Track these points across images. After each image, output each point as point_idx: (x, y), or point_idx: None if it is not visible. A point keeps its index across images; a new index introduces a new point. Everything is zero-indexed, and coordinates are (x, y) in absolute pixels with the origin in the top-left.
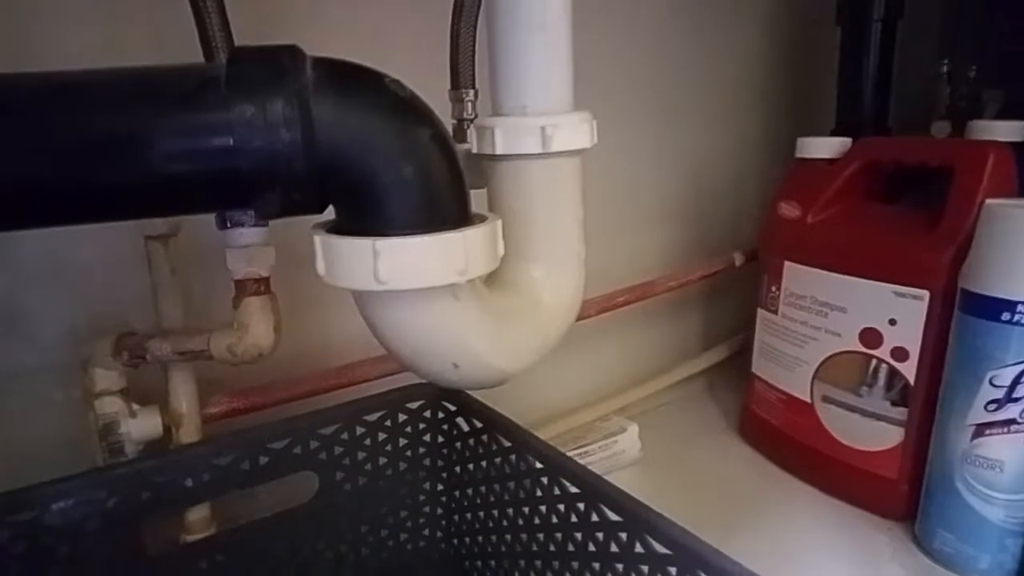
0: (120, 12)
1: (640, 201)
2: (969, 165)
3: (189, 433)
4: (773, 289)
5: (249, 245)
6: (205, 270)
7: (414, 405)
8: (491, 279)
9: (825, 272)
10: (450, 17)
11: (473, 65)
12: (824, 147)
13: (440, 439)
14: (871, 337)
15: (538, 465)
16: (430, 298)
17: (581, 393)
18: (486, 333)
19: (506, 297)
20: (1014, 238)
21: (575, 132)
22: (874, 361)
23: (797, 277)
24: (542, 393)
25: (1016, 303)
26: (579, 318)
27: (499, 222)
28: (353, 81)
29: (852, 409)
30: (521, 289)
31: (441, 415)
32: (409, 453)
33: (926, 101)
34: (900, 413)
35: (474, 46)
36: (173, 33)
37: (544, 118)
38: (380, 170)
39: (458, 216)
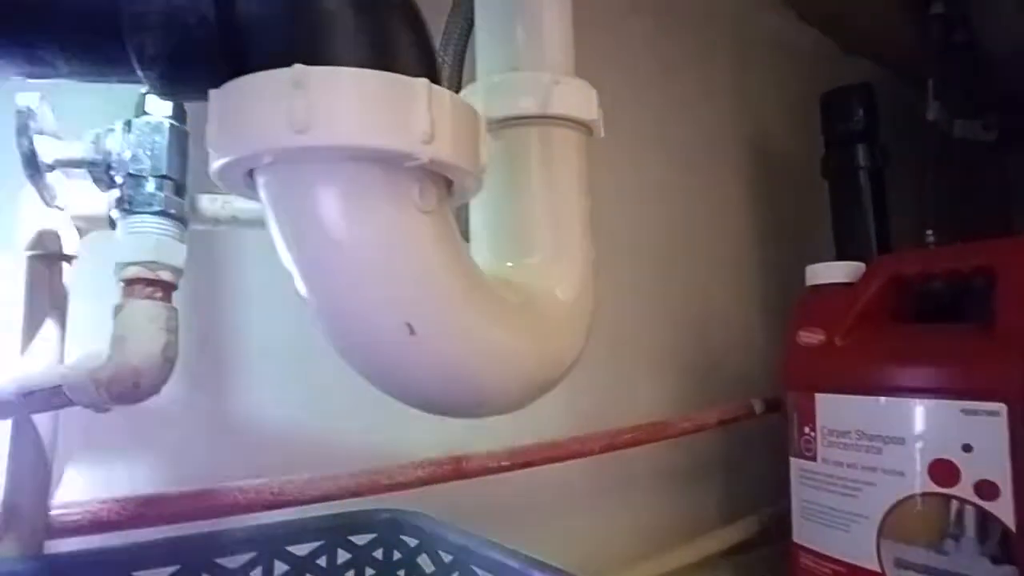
0: None
1: (647, 344)
2: (1018, 260)
3: (14, 544)
4: (806, 430)
5: (148, 232)
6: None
7: (362, 539)
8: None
9: (869, 398)
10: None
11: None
12: (838, 272)
13: None
14: (944, 471)
15: None
16: (378, 189)
17: (581, 560)
18: (462, 288)
19: (499, 286)
20: None
21: (578, 95)
22: (955, 503)
23: (834, 410)
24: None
25: None
26: (581, 454)
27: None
28: None
29: (938, 574)
30: (518, 281)
31: (399, 555)
32: None
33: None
34: (1006, 574)
35: (465, 49)
36: None
37: (542, 75)
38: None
39: (420, 70)
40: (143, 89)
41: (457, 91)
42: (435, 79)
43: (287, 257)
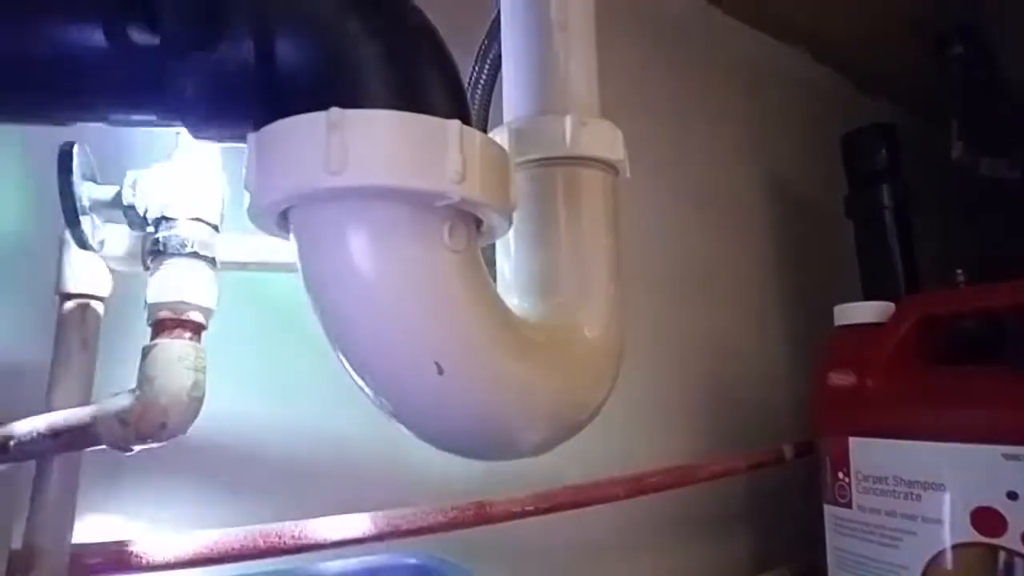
0: None
1: (671, 386)
2: None
3: None
4: (840, 476)
5: (179, 273)
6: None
7: None
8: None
9: (906, 442)
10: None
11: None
12: (867, 312)
13: None
14: (988, 520)
15: None
16: (408, 228)
17: None
18: (491, 328)
19: (527, 325)
20: None
21: (604, 136)
22: (1002, 555)
23: (869, 455)
24: None
25: None
26: (605, 499)
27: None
28: None
29: None
30: (545, 321)
31: None
32: None
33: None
34: None
35: (491, 94)
36: None
37: (569, 117)
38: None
39: (451, 111)
40: (179, 131)
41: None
42: (466, 120)
43: (316, 297)
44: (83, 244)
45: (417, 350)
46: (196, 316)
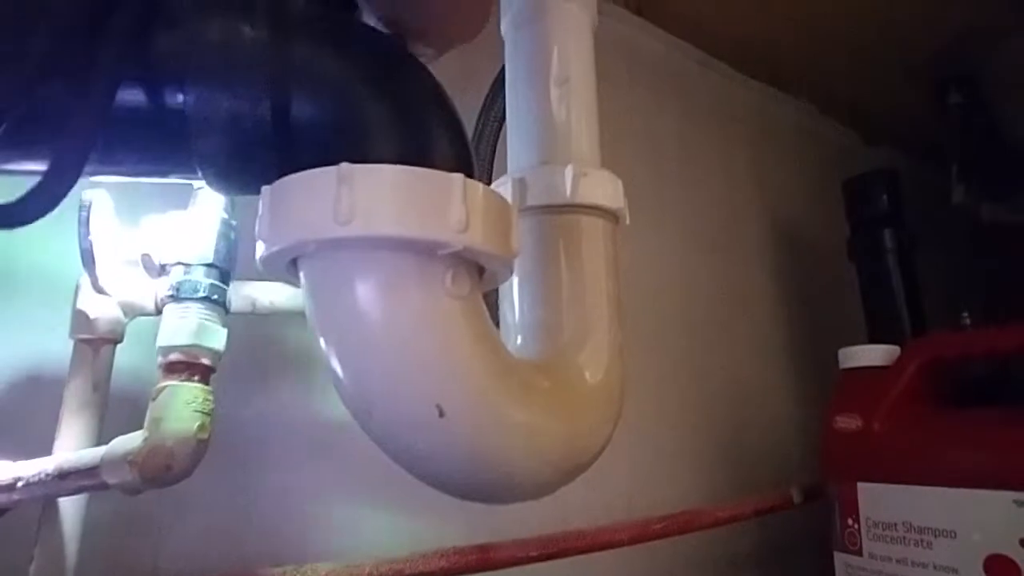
0: None
1: (677, 430)
2: None
3: None
4: (850, 522)
5: (191, 318)
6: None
7: None
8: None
9: (915, 488)
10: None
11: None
12: (872, 355)
13: None
14: (1002, 568)
15: None
16: (412, 276)
17: None
18: (492, 372)
19: (528, 370)
20: None
21: (604, 185)
22: None
23: (878, 500)
24: None
25: None
26: (610, 545)
27: (514, 209)
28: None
29: None
30: (546, 365)
31: None
32: None
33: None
34: None
35: (496, 145)
36: None
37: (570, 167)
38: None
39: (455, 165)
40: (197, 183)
41: (488, 183)
42: (470, 173)
43: (323, 341)
44: (99, 288)
45: (418, 392)
46: (206, 359)
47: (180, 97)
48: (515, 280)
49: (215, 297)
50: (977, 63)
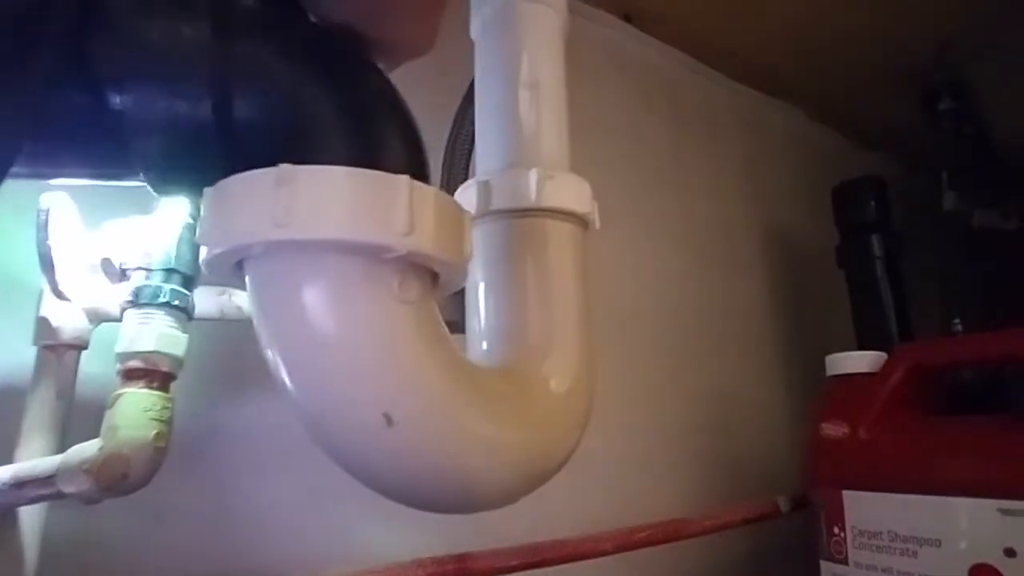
0: None
1: (664, 437)
2: None
3: None
4: (836, 531)
5: (151, 324)
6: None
7: None
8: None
9: (900, 496)
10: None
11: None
12: (859, 362)
13: None
14: None
15: None
16: (357, 280)
17: None
18: (444, 378)
19: (489, 376)
20: None
21: (570, 189)
22: None
23: (864, 508)
24: None
25: None
26: (593, 554)
27: (468, 213)
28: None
29: None
30: (511, 372)
31: None
32: None
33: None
34: None
35: (471, 152)
36: None
37: (536, 170)
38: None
39: (404, 167)
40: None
41: None
42: (421, 175)
43: (267, 344)
44: (59, 294)
45: (365, 400)
46: (165, 366)
47: (118, 98)
48: (481, 285)
49: (176, 303)
50: (968, 70)
